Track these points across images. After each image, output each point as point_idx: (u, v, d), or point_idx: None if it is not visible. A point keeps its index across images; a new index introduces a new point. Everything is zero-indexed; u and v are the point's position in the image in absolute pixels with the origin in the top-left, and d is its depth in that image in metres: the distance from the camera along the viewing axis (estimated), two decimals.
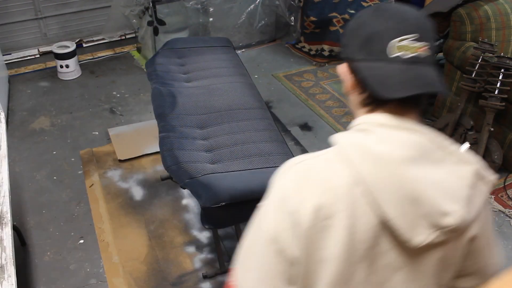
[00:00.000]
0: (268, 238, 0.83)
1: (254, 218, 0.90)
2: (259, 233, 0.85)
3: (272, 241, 0.82)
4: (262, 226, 0.85)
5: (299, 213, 0.80)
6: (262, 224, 0.86)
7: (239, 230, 2.26)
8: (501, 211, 2.64)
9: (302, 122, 3.36)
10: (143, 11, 3.75)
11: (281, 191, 0.85)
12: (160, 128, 2.06)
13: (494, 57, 2.66)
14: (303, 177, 0.83)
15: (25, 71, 3.84)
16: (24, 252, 2.30)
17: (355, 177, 0.78)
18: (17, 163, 2.87)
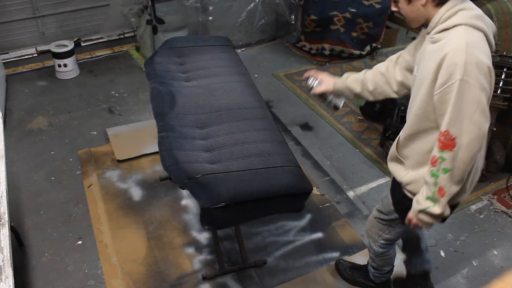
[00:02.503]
0: (481, 87, 1.31)
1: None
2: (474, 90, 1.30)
3: (483, 88, 1.32)
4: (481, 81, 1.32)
5: (489, 68, 1.32)
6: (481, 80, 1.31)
7: (239, 230, 2.25)
8: (503, 212, 2.62)
9: (302, 122, 3.34)
10: (142, 9, 3.73)
11: (474, 59, 1.29)
12: (159, 128, 2.04)
13: (496, 56, 2.63)
14: (477, 47, 1.32)
15: (22, 71, 3.82)
16: (21, 253, 2.28)
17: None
18: (14, 163, 2.85)
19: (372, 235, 1.90)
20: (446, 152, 1.34)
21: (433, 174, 1.39)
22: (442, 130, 1.34)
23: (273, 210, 1.94)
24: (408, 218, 1.54)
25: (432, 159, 1.39)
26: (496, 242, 2.44)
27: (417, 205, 1.48)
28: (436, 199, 1.42)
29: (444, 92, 1.31)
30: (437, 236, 2.45)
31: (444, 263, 2.31)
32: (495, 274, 2.26)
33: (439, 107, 1.35)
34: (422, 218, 1.48)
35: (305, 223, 2.50)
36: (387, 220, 1.79)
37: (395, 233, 1.82)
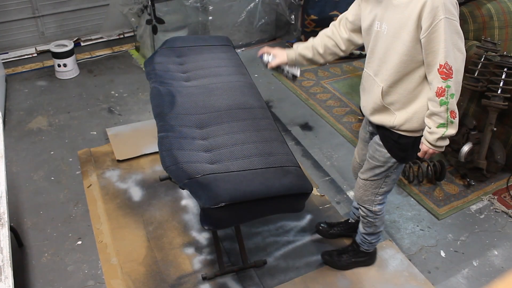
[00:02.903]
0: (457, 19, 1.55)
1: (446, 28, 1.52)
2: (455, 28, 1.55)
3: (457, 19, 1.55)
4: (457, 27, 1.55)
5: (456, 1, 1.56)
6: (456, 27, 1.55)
7: (239, 231, 2.24)
8: (504, 212, 2.62)
9: (302, 121, 3.33)
10: (142, 9, 3.72)
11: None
12: (159, 128, 2.03)
13: (497, 56, 2.63)
14: None
15: (22, 70, 3.81)
16: (21, 254, 2.27)
17: None
18: (14, 163, 2.84)
19: (368, 199, 2.00)
20: (449, 80, 1.56)
21: (443, 102, 1.58)
22: (441, 63, 1.54)
23: (273, 210, 1.94)
24: (423, 151, 1.72)
25: (438, 91, 1.58)
26: (497, 242, 2.43)
27: (432, 136, 1.65)
28: (450, 121, 1.62)
29: (431, 32, 1.52)
30: (437, 236, 2.45)
31: (444, 263, 2.30)
32: (495, 275, 2.25)
33: (427, 46, 1.55)
34: (440, 144, 1.67)
35: (305, 223, 2.49)
36: (382, 172, 1.90)
37: (391, 181, 1.94)
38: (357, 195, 2.04)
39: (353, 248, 2.22)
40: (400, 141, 1.78)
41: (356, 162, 2.16)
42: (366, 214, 2.05)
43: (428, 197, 2.69)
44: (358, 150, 2.12)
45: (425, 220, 2.55)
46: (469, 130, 2.80)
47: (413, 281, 2.19)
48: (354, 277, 2.20)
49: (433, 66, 1.57)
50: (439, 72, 1.56)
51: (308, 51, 1.95)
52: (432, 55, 1.56)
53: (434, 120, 1.64)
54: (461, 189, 2.76)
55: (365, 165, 1.96)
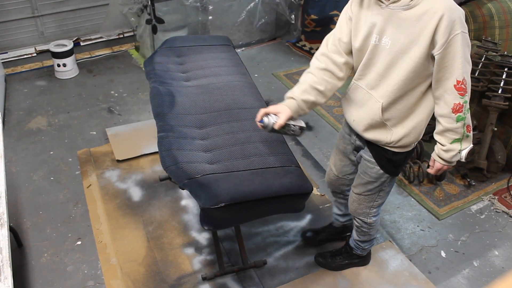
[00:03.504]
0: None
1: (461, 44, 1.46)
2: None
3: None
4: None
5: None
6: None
7: (239, 231, 2.24)
8: (504, 212, 2.61)
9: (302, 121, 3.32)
10: (142, 9, 3.72)
11: (461, 11, 1.44)
12: (158, 127, 2.03)
13: (497, 55, 2.63)
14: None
15: (21, 70, 3.81)
16: (20, 254, 2.26)
17: None
18: (13, 163, 2.84)
19: (362, 211, 1.95)
20: (466, 96, 1.51)
21: (461, 118, 1.54)
22: (458, 80, 1.48)
23: (273, 210, 1.93)
24: (437, 168, 1.68)
25: (455, 107, 1.52)
26: (497, 242, 2.43)
27: (448, 153, 1.62)
28: (466, 136, 1.58)
29: (447, 47, 1.43)
30: (438, 237, 2.45)
31: (444, 264, 2.30)
32: (496, 275, 2.25)
33: (441, 61, 1.46)
34: (456, 159, 1.63)
35: (305, 223, 2.49)
36: (376, 187, 1.85)
37: (385, 194, 1.90)
38: (352, 208, 1.98)
39: (346, 250, 2.21)
40: (394, 158, 1.72)
41: (333, 174, 2.05)
42: (361, 225, 2.02)
43: (428, 197, 2.69)
44: (336, 162, 2.00)
45: (426, 220, 2.54)
46: None
47: (413, 281, 2.18)
48: (354, 278, 2.19)
49: (445, 81, 1.49)
50: (456, 88, 1.48)
51: (308, 95, 1.70)
52: (445, 71, 1.47)
53: (447, 137, 1.59)
54: (461, 189, 2.76)
55: (357, 179, 1.89)
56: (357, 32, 1.60)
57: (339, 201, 2.18)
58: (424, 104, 1.60)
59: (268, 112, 1.73)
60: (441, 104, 1.55)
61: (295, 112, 1.72)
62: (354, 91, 1.71)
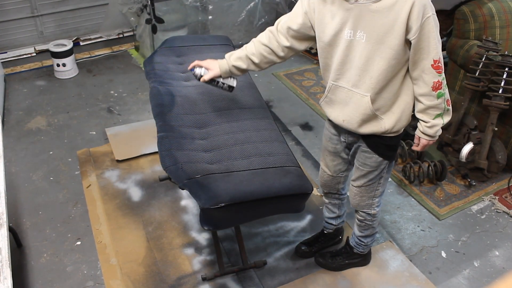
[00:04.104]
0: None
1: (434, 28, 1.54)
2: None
3: None
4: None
5: None
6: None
7: (239, 231, 2.23)
8: (505, 212, 2.61)
9: (302, 121, 3.32)
10: (141, 9, 3.71)
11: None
12: (158, 127, 2.02)
13: (498, 55, 2.62)
14: None
15: (21, 70, 3.80)
16: (20, 254, 2.26)
17: None
18: (13, 163, 2.83)
19: (365, 204, 1.98)
20: (442, 73, 1.59)
21: (441, 94, 1.62)
22: (435, 59, 1.56)
23: (273, 210, 1.93)
24: (423, 145, 1.76)
25: (435, 85, 1.60)
26: (498, 242, 2.42)
27: (433, 129, 1.70)
28: (446, 110, 1.67)
29: (421, 30, 1.50)
30: (438, 237, 2.44)
31: (445, 264, 2.29)
32: (496, 275, 2.25)
33: (417, 44, 1.53)
34: (439, 133, 1.72)
35: (305, 223, 2.48)
36: (376, 175, 1.88)
37: (385, 180, 1.93)
38: (354, 203, 2.00)
39: (347, 250, 2.22)
40: (390, 143, 1.78)
41: (327, 175, 2.07)
42: (364, 218, 2.03)
43: (429, 197, 2.68)
44: (328, 163, 2.03)
45: (426, 221, 2.54)
46: (470, 130, 2.79)
47: (414, 281, 2.18)
48: (355, 278, 2.19)
49: (422, 62, 1.56)
50: (433, 67, 1.57)
51: (242, 62, 1.86)
52: (421, 52, 1.55)
53: (429, 113, 1.67)
54: (462, 189, 2.75)
55: (356, 172, 1.92)
56: (323, 27, 1.63)
57: (332, 203, 2.19)
58: (406, 87, 1.66)
59: (200, 65, 1.92)
60: (420, 84, 1.62)
61: (224, 73, 1.90)
62: (334, 92, 1.73)
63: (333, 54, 1.65)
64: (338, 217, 2.24)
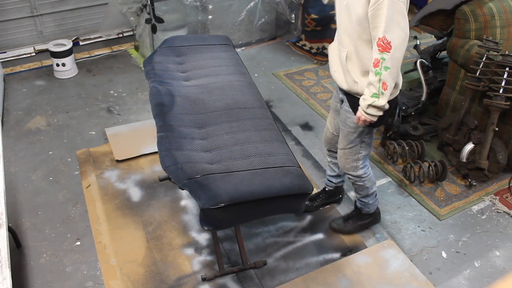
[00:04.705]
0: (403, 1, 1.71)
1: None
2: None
3: (404, 2, 1.71)
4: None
5: None
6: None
7: (239, 231, 2.23)
8: (506, 213, 2.60)
9: (303, 121, 3.31)
10: (141, 8, 3.71)
11: None
12: (158, 127, 2.02)
13: (498, 55, 2.61)
14: None
15: (20, 70, 3.79)
16: (19, 254, 2.25)
17: None
18: (12, 163, 2.83)
19: (350, 166, 2.17)
20: (385, 53, 1.72)
21: (377, 73, 1.76)
22: (380, 37, 1.71)
23: (273, 210, 1.92)
24: (357, 117, 1.90)
25: (374, 62, 1.76)
26: (498, 243, 2.42)
27: (364, 102, 1.83)
28: (381, 92, 1.79)
29: (376, 8, 1.68)
30: (439, 237, 2.44)
31: (445, 264, 2.29)
32: (497, 275, 2.24)
33: (372, 21, 1.71)
34: (370, 111, 1.84)
35: (306, 223, 2.48)
36: (356, 138, 2.06)
37: (366, 145, 2.11)
38: (340, 165, 2.21)
39: (356, 213, 2.40)
40: None
41: (329, 132, 2.31)
42: (354, 180, 2.22)
43: (429, 197, 2.68)
44: (331, 120, 2.29)
45: (426, 221, 2.53)
46: (470, 130, 2.78)
47: (414, 282, 2.17)
48: (355, 277, 2.18)
49: (374, 39, 1.74)
50: (377, 44, 1.72)
51: None
52: (374, 30, 1.73)
53: (369, 89, 1.81)
54: (462, 189, 2.75)
55: (340, 135, 2.12)
56: None
57: (333, 162, 2.41)
58: None
59: None
60: None
61: None
62: (335, 47, 2.00)
63: (336, 14, 1.93)
64: (338, 176, 2.46)
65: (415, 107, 3.08)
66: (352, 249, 2.34)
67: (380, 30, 1.70)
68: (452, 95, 3.05)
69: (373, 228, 2.47)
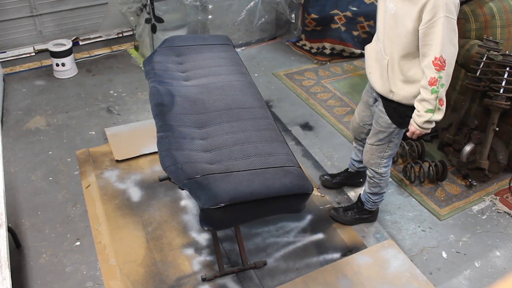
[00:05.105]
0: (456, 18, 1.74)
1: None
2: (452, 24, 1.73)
3: (456, 19, 1.75)
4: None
5: (458, 2, 1.75)
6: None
7: (239, 231, 2.22)
8: (506, 213, 2.60)
9: (303, 121, 3.31)
10: (141, 8, 3.70)
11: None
12: (158, 127, 2.01)
13: (499, 55, 2.61)
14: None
15: (20, 70, 3.79)
16: (19, 254, 2.25)
17: None
18: (12, 163, 2.82)
19: (374, 162, 2.23)
20: (442, 72, 1.76)
21: (434, 91, 1.79)
22: (436, 56, 1.73)
23: (273, 210, 1.92)
24: (412, 132, 1.94)
25: (431, 80, 1.78)
26: (499, 243, 2.41)
27: (420, 118, 1.87)
28: (437, 108, 1.83)
29: (430, 27, 1.71)
30: (439, 237, 2.43)
31: (446, 264, 2.29)
32: (497, 276, 2.24)
33: (424, 38, 1.74)
34: (426, 126, 1.88)
35: (306, 224, 2.47)
36: (385, 137, 2.13)
37: (394, 145, 2.17)
38: (365, 159, 2.26)
39: (358, 206, 2.44)
40: (400, 109, 2.00)
41: (356, 122, 2.37)
42: (373, 175, 2.27)
43: (429, 197, 2.67)
44: (359, 111, 2.33)
45: (427, 221, 2.53)
46: (471, 130, 2.78)
47: (414, 282, 2.17)
48: (355, 277, 2.18)
49: (427, 57, 1.76)
50: (433, 63, 1.74)
51: None
52: (428, 47, 1.74)
53: (423, 105, 1.84)
54: (463, 189, 2.74)
55: (372, 130, 2.18)
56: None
57: (358, 148, 2.49)
58: (420, 76, 1.86)
59: None
60: (423, 76, 1.81)
61: None
62: (375, 49, 2.04)
63: (379, 18, 1.97)
64: (360, 162, 2.53)
65: None
66: (352, 249, 2.34)
67: (436, 50, 1.72)
68: (452, 95, 3.04)
69: (373, 228, 2.46)
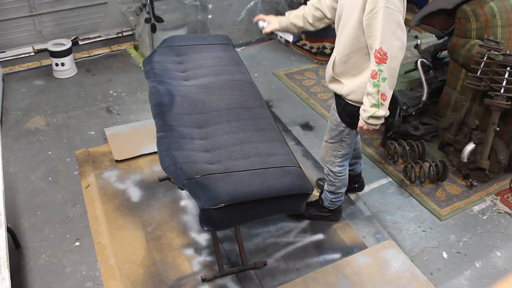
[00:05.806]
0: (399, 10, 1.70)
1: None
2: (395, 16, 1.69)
3: (400, 11, 1.70)
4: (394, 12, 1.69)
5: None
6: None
7: (239, 231, 2.22)
8: (507, 213, 2.59)
9: (303, 121, 3.31)
10: (141, 8, 3.70)
11: None
12: (157, 127, 2.01)
13: (500, 55, 2.61)
14: None
15: (19, 69, 3.78)
16: (18, 255, 2.25)
17: None
18: (11, 163, 2.82)
19: (329, 159, 2.25)
20: (382, 65, 1.73)
21: (375, 84, 1.77)
22: (376, 48, 1.71)
23: (273, 211, 1.91)
24: (359, 126, 1.93)
25: (372, 74, 1.77)
26: (499, 243, 2.41)
27: (365, 113, 1.86)
28: (380, 103, 1.81)
29: (371, 18, 1.69)
30: (440, 238, 2.43)
31: (446, 265, 2.28)
32: (498, 276, 2.23)
33: (368, 29, 1.72)
34: (371, 122, 1.87)
35: (306, 224, 2.47)
36: (336, 135, 2.15)
37: (346, 145, 2.18)
38: (321, 155, 2.31)
39: (318, 203, 2.45)
40: (347, 108, 2.00)
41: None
42: (328, 173, 2.30)
43: (430, 197, 2.67)
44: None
45: (427, 221, 2.52)
46: (471, 130, 2.77)
47: (415, 282, 2.17)
48: (355, 277, 2.17)
49: (371, 50, 1.75)
50: (374, 56, 1.73)
51: (299, 20, 2.13)
52: (371, 39, 1.73)
53: (369, 99, 1.83)
54: (463, 189, 2.74)
55: (327, 127, 2.22)
56: None
57: None
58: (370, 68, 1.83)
59: (264, 18, 2.21)
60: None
61: (282, 28, 2.18)
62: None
63: (337, 14, 1.94)
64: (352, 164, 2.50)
65: (415, 107, 3.07)
66: (353, 249, 2.34)
67: (376, 41, 1.70)
68: (453, 95, 3.04)
69: (374, 228, 2.46)
